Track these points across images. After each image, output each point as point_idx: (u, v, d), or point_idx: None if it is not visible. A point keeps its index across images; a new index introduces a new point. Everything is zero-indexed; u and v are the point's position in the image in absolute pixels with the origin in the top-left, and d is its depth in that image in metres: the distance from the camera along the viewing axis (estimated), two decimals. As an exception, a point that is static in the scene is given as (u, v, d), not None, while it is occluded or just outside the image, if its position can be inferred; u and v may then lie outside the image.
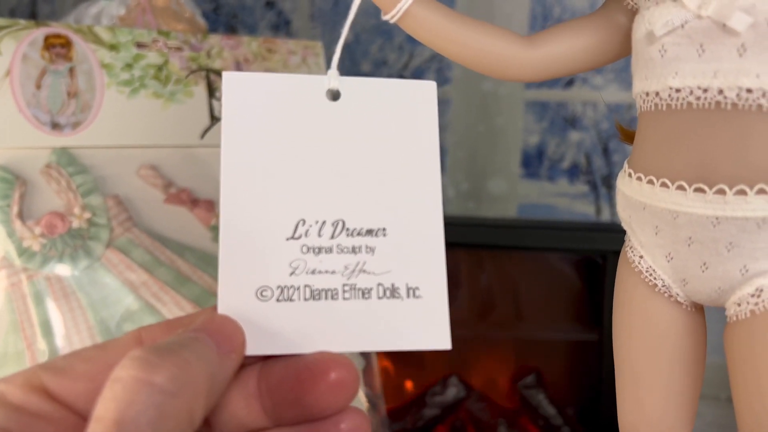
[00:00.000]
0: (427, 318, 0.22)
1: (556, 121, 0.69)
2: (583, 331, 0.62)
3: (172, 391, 0.17)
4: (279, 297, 0.22)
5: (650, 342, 0.28)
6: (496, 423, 0.61)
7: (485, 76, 0.69)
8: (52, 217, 0.41)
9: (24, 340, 0.39)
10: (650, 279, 0.27)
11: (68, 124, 0.43)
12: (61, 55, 0.43)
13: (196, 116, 0.48)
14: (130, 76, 0.45)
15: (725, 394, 0.68)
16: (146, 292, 0.42)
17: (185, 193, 0.46)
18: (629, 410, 0.30)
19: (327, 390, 0.20)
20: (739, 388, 0.25)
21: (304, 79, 0.23)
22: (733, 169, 0.23)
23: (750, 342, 0.25)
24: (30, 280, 0.40)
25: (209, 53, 0.48)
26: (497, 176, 0.71)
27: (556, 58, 0.27)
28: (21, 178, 0.41)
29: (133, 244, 0.43)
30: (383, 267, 0.22)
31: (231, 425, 0.21)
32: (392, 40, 0.70)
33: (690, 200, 0.24)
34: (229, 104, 0.23)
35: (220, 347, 0.20)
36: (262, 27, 0.70)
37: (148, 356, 0.17)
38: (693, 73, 0.23)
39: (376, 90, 0.24)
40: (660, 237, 0.26)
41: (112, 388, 0.17)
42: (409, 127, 0.24)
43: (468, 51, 0.27)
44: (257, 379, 0.21)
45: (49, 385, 0.19)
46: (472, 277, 0.63)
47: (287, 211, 0.22)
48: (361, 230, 0.23)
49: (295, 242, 0.22)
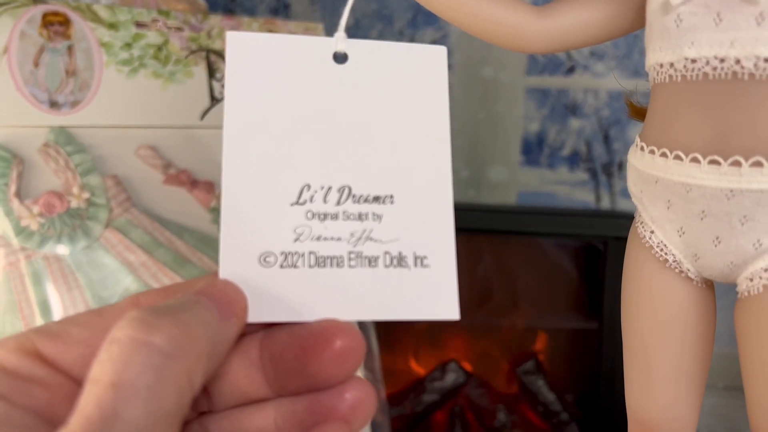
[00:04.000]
0: (434, 287, 0.22)
1: (557, 108, 0.69)
2: (582, 318, 0.62)
3: (170, 353, 0.16)
4: (283, 263, 0.21)
5: (660, 318, 0.28)
6: (495, 409, 0.60)
7: (486, 63, 0.69)
8: (50, 197, 0.40)
9: (22, 320, 0.39)
10: (661, 254, 0.27)
11: (66, 102, 0.42)
12: (59, 33, 0.43)
13: (196, 97, 0.47)
14: (129, 56, 0.45)
15: (723, 383, 0.68)
16: (145, 273, 0.42)
17: (184, 174, 0.46)
18: (638, 394, 0.29)
19: (332, 358, 0.20)
20: (754, 364, 0.25)
21: (310, 41, 0.23)
22: (749, 141, 0.23)
23: (763, 316, 0.24)
24: (28, 260, 0.39)
25: (209, 34, 0.48)
26: (497, 164, 0.70)
27: (568, 29, 0.26)
28: (19, 156, 0.40)
29: (132, 225, 0.43)
30: (390, 235, 0.22)
31: (232, 395, 0.20)
32: (392, 25, 0.69)
33: (704, 173, 0.24)
34: (232, 65, 0.22)
35: (221, 311, 0.19)
36: (261, 10, 0.69)
37: (147, 317, 0.17)
38: (709, 42, 0.23)
39: (385, 53, 0.23)
40: (672, 211, 0.26)
41: (109, 349, 0.16)
42: (417, 92, 0.23)
43: (479, 22, 0.26)
44: (259, 347, 0.20)
45: (43, 349, 0.18)
46: (473, 263, 0.63)
47: (292, 175, 0.22)
48: (368, 197, 0.22)
49: (299, 208, 0.21)
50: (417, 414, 0.60)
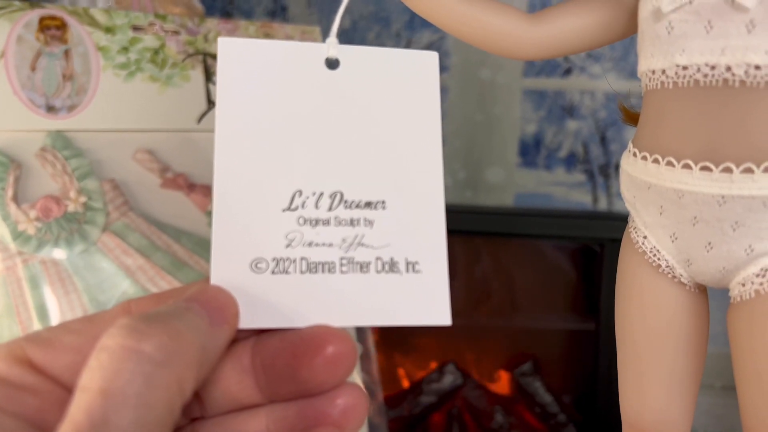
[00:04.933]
0: (426, 293, 0.22)
1: (554, 109, 0.69)
2: (579, 320, 0.62)
3: (160, 360, 0.16)
4: (274, 269, 0.21)
5: (653, 322, 0.28)
6: (492, 410, 0.61)
7: (483, 65, 0.69)
8: (47, 201, 0.41)
9: (19, 324, 0.39)
10: (654, 259, 0.27)
11: (63, 107, 0.43)
12: (56, 37, 0.43)
13: (192, 100, 0.47)
14: (126, 60, 0.45)
15: (720, 383, 0.68)
16: (142, 276, 0.42)
17: (182, 177, 0.46)
18: (632, 398, 0.29)
19: (324, 364, 0.19)
20: (745, 370, 0.25)
21: (302, 47, 0.23)
22: (739, 147, 0.23)
23: (755, 322, 0.25)
24: (25, 264, 0.39)
25: (206, 37, 0.48)
26: (494, 165, 0.71)
27: (561, 35, 0.26)
28: (16, 161, 0.40)
29: (130, 229, 0.43)
30: (382, 241, 0.22)
31: (223, 401, 0.20)
32: (389, 27, 0.70)
33: (696, 179, 0.24)
34: (224, 71, 0.22)
35: (212, 318, 0.19)
36: (259, 13, 0.70)
37: (137, 324, 0.17)
38: (700, 50, 0.23)
39: (377, 59, 0.23)
40: (664, 217, 0.26)
41: (99, 357, 0.16)
42: (409, 97, 0.23)
43: (472, 29, 0.27)
44: (251, 353, 0.20)
45: (34, 357, 0.18)
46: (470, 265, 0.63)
47: (283, 181, 0.22)
48: (359, 202, 0.22)
49: (291, 213, 0.21)
50: (415, 416, 0.60)
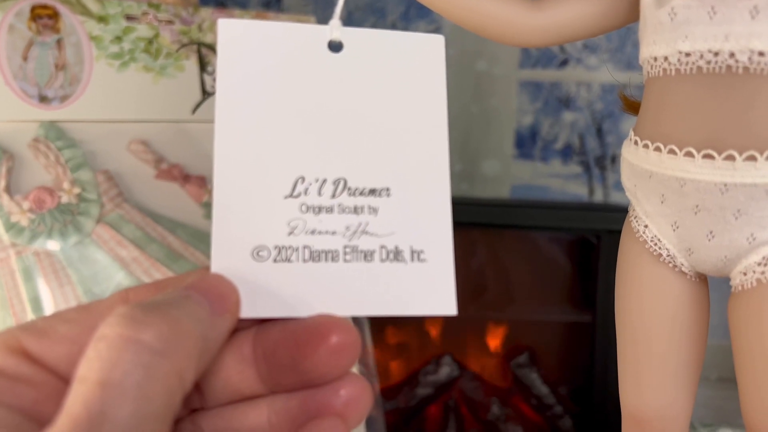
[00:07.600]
0: (431, 282, 0.21)
1: (550, 101, 0.69)
2: (576, 311, 0.62)
3: (160, 350, 0.16)
4: (276, 257, 0.20)
5: (654, 312, 0.28)
6: (489, 402, 0.61)
7: (479, 56, 0.69)
8: (40, 192, 0.40)
9: (13, 316, 0.38)
10: (655, 248, 0.27)
11: (56, 97, 0.42)
12: (48, 27, 0.42)
13: (187, 91, 0.47)
14: (119, 49, 0.44)
15: (716, 375, 0.69)
16: (137, 268, 0.42)
17: (176, 168, 0.45)
18: (631, 388, 0.29)
19: (327, 354, 0.19)
20: (746, 358, 0.25)
21: (304, 29, 0.22)
22: (743, 135, 0.23)
23: (756, 310, 0.24)
24: (18, 256, 0.39)
25: (200, 27, 0.47)
26: (491, 157, 0.70)
27: (562, 22, 0.26)
28: (8, 152, 0.40)
29: (124, 220, 0.42)
30: (386, 229, 0.21)
31: (224, 392, 0.20)
32: (385, 18, 0.69)
33: (698, 167, 0.24)
34: (224, 54, 0.21)
35: (213, 307, 0.18)
36: (253, 2, 0.69)
37: (135, 313, 0.16)
38: (704, 36, 0.23)
39: (381, 42, 0.22)
40: (666, 206, 0.26)
41: (97, 347, 0.16)
42: (415, 82, 0.22)
43: (473, 15, 0.26)
44: (252, 343, 0.20)
45: (29, 347, 0.18)
46: (466, 257, 0.63)
47: (285, 167, 0.21)
48: (363, 190, 0.21)
49: (293, 201, 0.21)
50: (411, 408, 0.60)
